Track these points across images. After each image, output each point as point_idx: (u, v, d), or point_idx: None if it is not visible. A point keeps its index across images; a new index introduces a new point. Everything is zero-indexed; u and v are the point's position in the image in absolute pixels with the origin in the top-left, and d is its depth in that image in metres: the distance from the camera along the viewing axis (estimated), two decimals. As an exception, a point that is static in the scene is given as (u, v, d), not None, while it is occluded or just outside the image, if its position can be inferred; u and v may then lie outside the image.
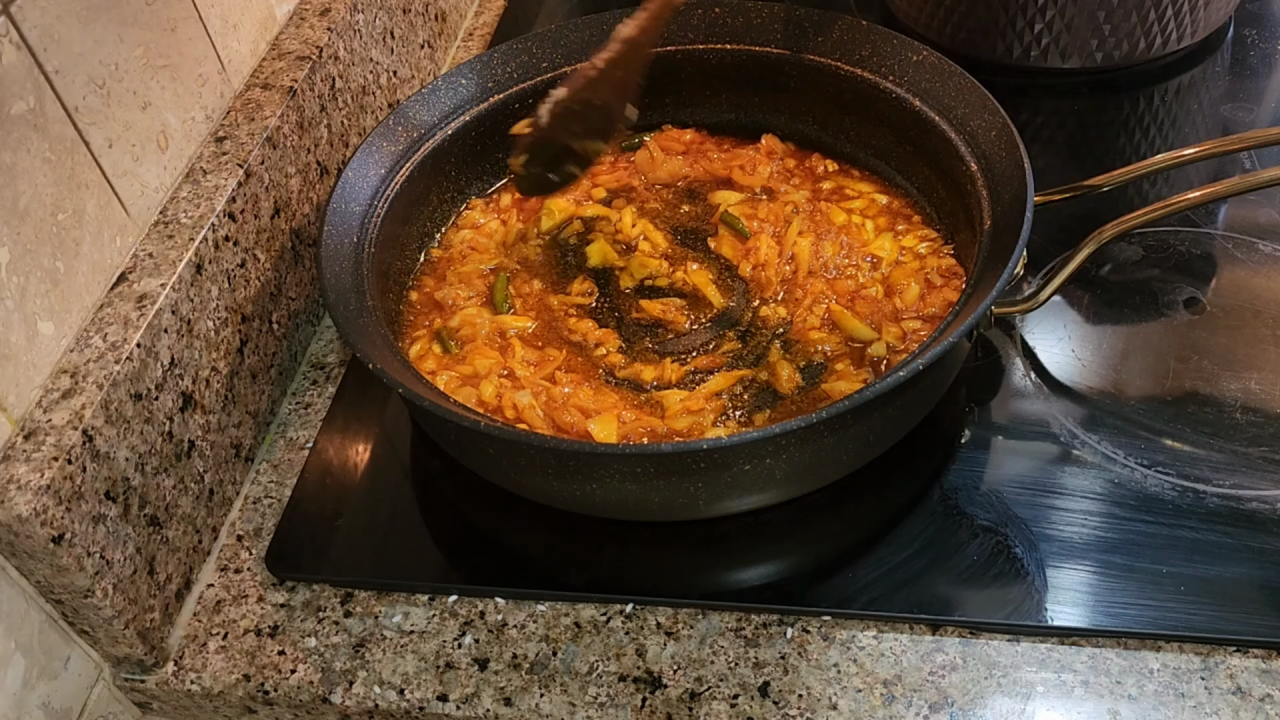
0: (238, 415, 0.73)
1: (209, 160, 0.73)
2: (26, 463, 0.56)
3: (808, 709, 0.59)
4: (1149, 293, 0.78)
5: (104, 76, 0.64)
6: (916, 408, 0.67)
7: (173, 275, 0.66)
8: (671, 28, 0.86)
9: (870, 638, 0.62)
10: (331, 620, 0.66)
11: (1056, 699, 0.59)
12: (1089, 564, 0.63)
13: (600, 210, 0.83)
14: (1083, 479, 0.67)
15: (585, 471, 0.62)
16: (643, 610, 0.65)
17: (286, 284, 0.79)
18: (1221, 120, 0.93)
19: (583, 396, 0.69)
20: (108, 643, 0.63)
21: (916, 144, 0.79)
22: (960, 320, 0.62)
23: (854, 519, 0.67)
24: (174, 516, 0.66)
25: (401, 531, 0.70)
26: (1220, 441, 0.68)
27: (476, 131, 0.84)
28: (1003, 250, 0.65)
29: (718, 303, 0.76)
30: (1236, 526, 0.64)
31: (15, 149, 0.57)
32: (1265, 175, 0.67)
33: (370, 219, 0.75)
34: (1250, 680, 0.58)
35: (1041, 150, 0.91)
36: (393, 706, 0.62)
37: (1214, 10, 0.95)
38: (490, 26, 1.14)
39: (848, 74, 0.81)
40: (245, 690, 0.64)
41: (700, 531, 0.67)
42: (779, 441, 0.59)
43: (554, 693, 0.61)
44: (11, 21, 0.57)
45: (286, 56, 0.82)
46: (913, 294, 0.73)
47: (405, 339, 0.76)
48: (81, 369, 0.61)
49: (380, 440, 0.75)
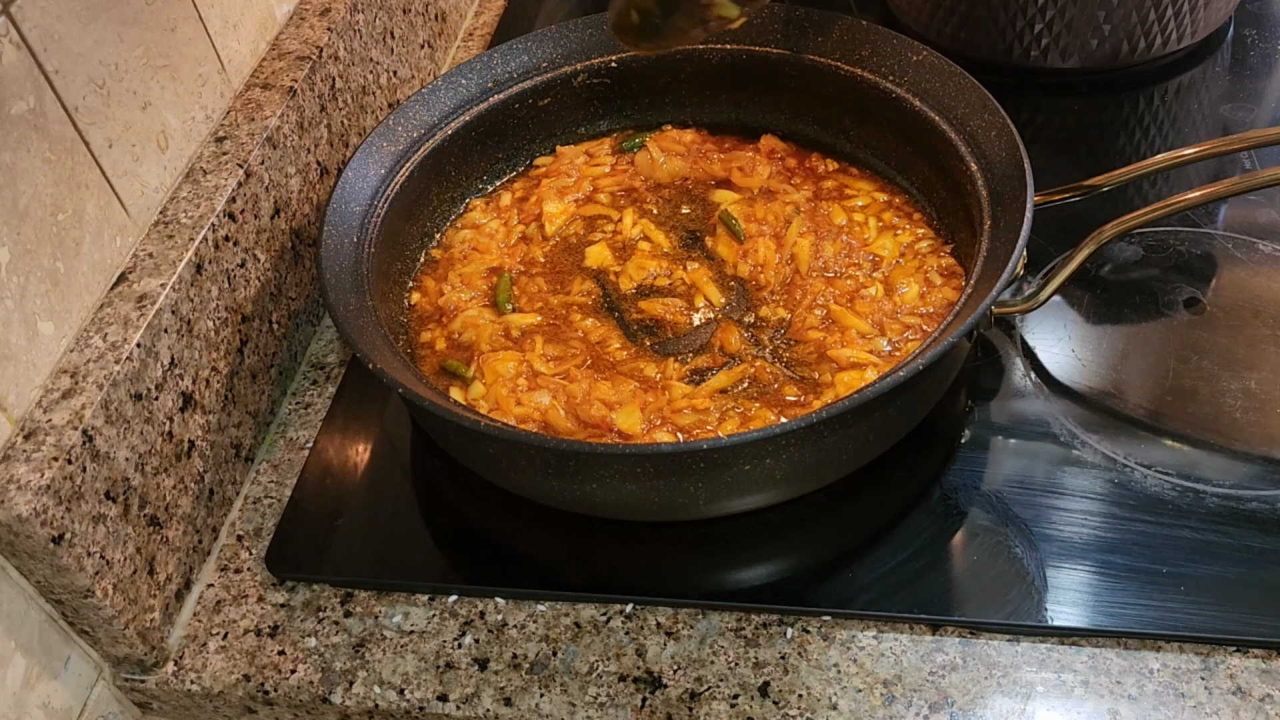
0: (238, 415, 0.73)
1: (209, 160, 0.73)
2: (26, 463, 0.56)
3: (808, 709, 0.59)
4: (1149, 293, 0.78)
5: (104, 76, 0.64)
6: (916, 408, 0.67)
7: (173, 275, 0.66)
8: (671, 28, 0.86)
9: (870, 638, 0.62)
10: (331, 620, 0.66)
11: (1056, 699, 0.59)
12: (1089, 564, 0.63)
13: (601, 210, 0.83)
14: (1083, 479, 0.67)
15: (585, 471, 0.62)
16: (643, 610, 0.65)
17: (286, 284, 0.79)
18: (1221, 120, 0.93)
19: (603, 390, 0.69)
20: (108, 643, 0.63)
21: (916, 144, 0.79)
22: (960, 320, 0.62)
23: (854, 519, 0.67)
24: (174, 516, 0.66)
25: (401, 531, 0.70)
26: (1220, 441, 0.68)
27: (476, 131, 0.84)
28: (1003, 250, 0.65)
29: (718, 302, 0.76)
30: (1236, 526, 0.64)
31: (15, 149, 0.57)
32: (1265, 175, 0.67)
33: (370, 219, 0.75)
34: (1250, 680, 0.58)
35: (1041, 150, 0.91)
36: (393, 706, 0.62)
37: (1214, 10, 0.95)
38: (490, 26, 1.14)
39: (848, 74, 0.81)
40: (245, 690, 0.64)
41: (700, 531, 0.67)
42: (779, 441, 0.59)
43: (554, 693, 0.61)
44: (11, 21, 0.57)
45: (286, 56, 0.82)
46: (912, 293, 0.73)
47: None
48: (81, 369, 0.61)
49: (380, 440, 0.75)
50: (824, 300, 0.74)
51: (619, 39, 0.67)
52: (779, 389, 0.70)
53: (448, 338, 0.75)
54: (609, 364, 0.72)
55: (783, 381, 0.70)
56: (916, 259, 0.76)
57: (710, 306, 0.76)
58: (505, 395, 0.69)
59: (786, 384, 0.70)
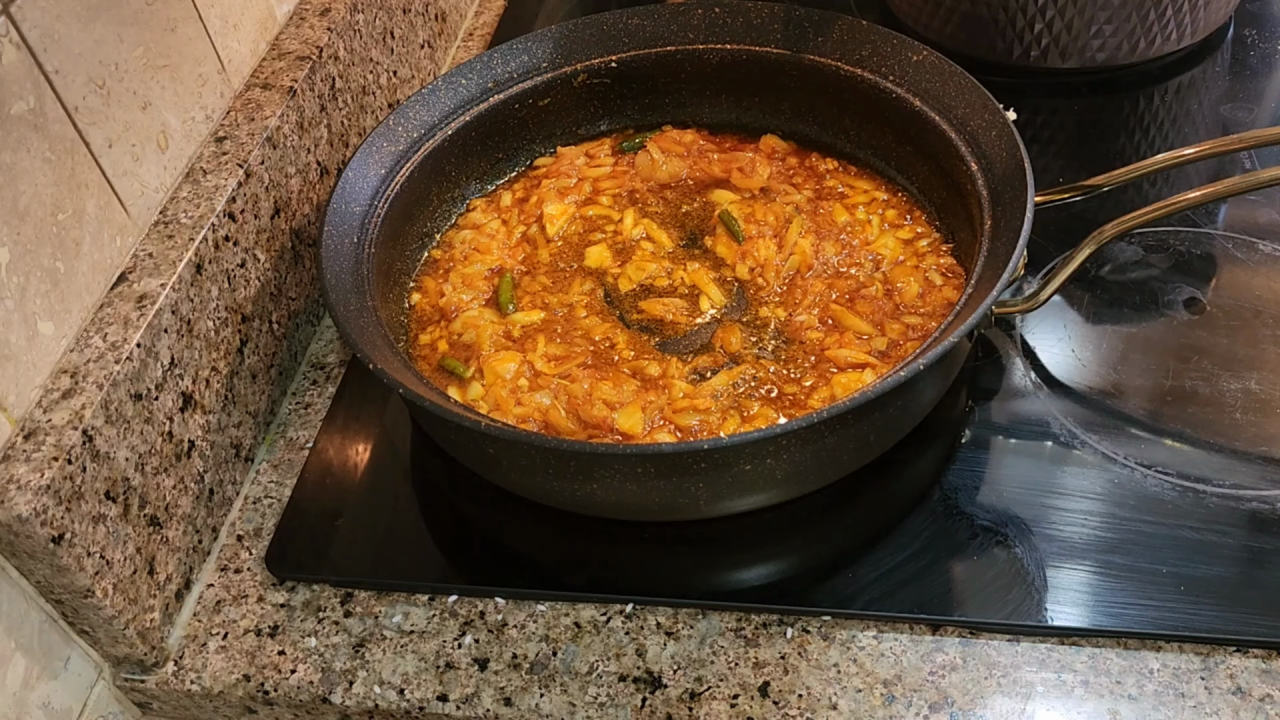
0: (238, 415, 0.73)
1: (209, 160, 0.73)
2: (26, 463, 0.56)
3: (808, 709, 0.59)
4: (1149, 293, 0.78)
5: (104, 76, 0.64)
6: (916, 408, 0.67)
7: (173, 275, 0.66)
8: (671, 28, 0.86)
9: (870, 638, 0.62)
10: (331, 620, 0.66)
11: (1056, 699, 0.59)
12: (1089, 564, 0.63)
13: (602, 211, 0.83)
14: (1083, 479, 0.67)
15: (586, 472, 0.62)
16: (643, 610, 0.65)
17: (286, 284, 0.79)
18: (1221, 120, 0.93)
19: (605, 390, 0.69)
20: (108, 643, 0.63)
21: (917, 144, 0.79)
22: (961, 320, 0.62)
23: (854, 519, 0.67)
24: (174, 516, 0.66)
25: (401, 531, 0.70)
26: (1220, 441, 0.68)
27: (477, 131, 0.84)
28: (1003, 250, 0.65)
29: (718, 302, 0.76)
30: (1236, 526, 0.64)
31: (15, 149, 0.57)
32: (1265, 175, 0.67)
33: (370, 219, 0.75)
34: (1250, 680, 0.58)
35: (1041, 150, 0.91)
36: (393, 706, 0.62)
37: (1214, 10, 0.95)
38: (490, 26, 1.14)
39: (848, 74, 0.81)
40: (245, 690, 0.64)
41: (700, 531, 0.67)
42: (780, 441, 0.59)
43: (554, 693, 0.61)
44: (11, 21, 0.57)
45: (286, 56, 0.82)
46: (912, 293, 0.73)
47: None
48: (81, 369, 0.61)
49: (380, 440, 0.75)
50: (824, 300, 0.74)
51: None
52: (780, 389, 0.70)
53: (449, 338, 0.75)
54: (611, 363, 0.72)
55: (783, 381, 0.70)
56: (916, 258, 0.76)
57: (711, 306, 0.76)
58: (505, 396, 0.69)
59: (787, 384, 0.70)
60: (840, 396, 0.67)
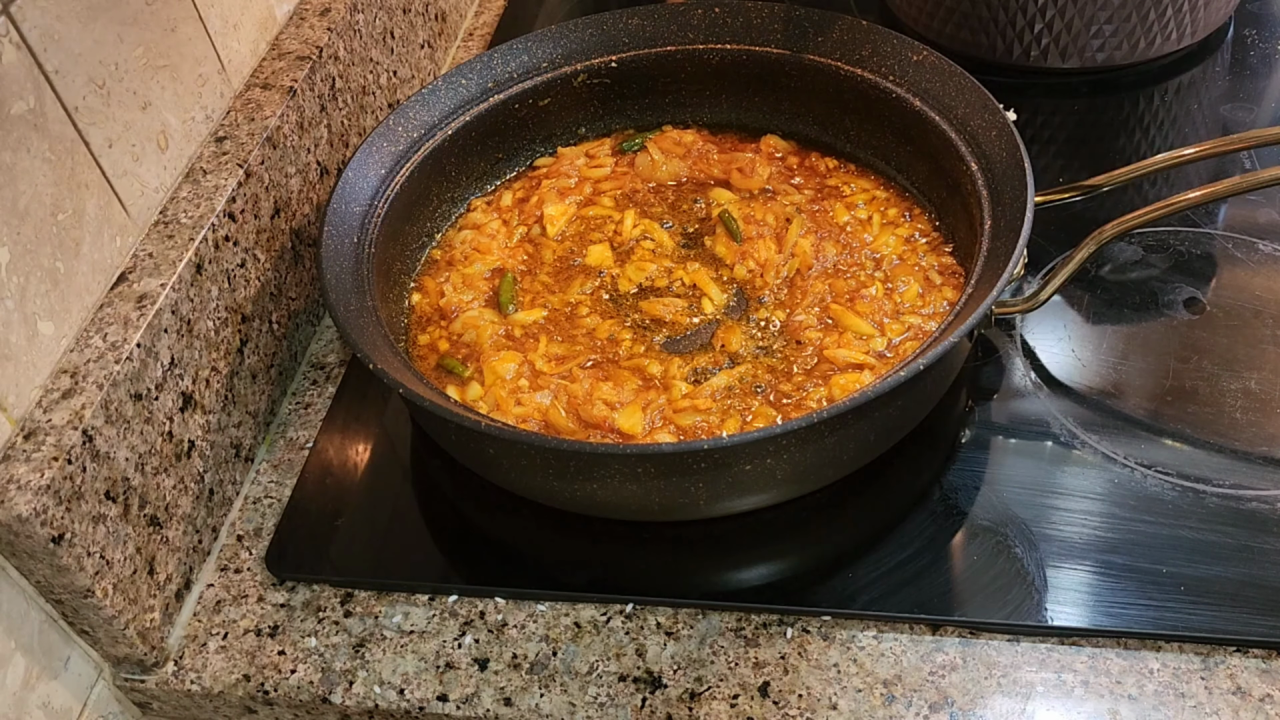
0: (238, 415, 0.73)
1: (209, 160, 0.73)
2: (26, 463, 0.56)
3: (808, 709, 0.59)
4: (1149, 293, 0.78)
5: (104, 76, 0.64)
6: (916, 408, 0.67)
7: (173, 275, 0.66)
8: (671, 27, 0.86)
9: (870, 638, 0.62)
10: (331, 620, 0.66)
11: (1056, 699, 0.59)
12: (1089, 564, 0.63)
13: (602, 210, 0.83)
14: (1083, 479, 0.67)
15: (585, 471, 0.62)
16: (643, 610, 0.65)
17: (286, 284, 0.79)
18: (1221, 120, 0.93)
19: (605, 390, 0.69)
20: (108, 643, 0.63)
21: (917, 144, 0.79)
22: (961, 320, 0.62)
23: (854, 519, 0.67)
24: (174, 516, 0.66)
25: (401, 531, 0.70)
26: (1220, 441, 0.68)
27: (477, 131, 0.84)
28: (1003, 250, 0.65)
29: (719, 302, 0.76)
30: (1236, 526, 0.64)
31: (15, 149, 0.57)
32: (1265, 175, 0.67)
33: (370, 219, 0.75)
34: (1250, 680, 0.58)
35: (1041, 150, 0.91)
36: (393, 706, 0.62)
37: (1214, 10, 0.95)
38: (490, 26, 1.14)
39: (848, 74, 0.81)
40: (245, 690, 0.64)
41: (700, 531, 0.67)
42: (780, 441, 0.59)
43: (554, 693, 0.61)
44: (11, 21, 0.57)
45: (286, 56, 0.82)
46: (912, 292, 0.73)
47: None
48: (81, 369, 0.61)
49: (380, 440, 0.75)
50: (824, 300, 0.74)
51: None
52: (780, 389, 0.70)
53: (450, 339, 0.75)
54: (613, 362, 0.72)
55: (783, 381, 0.70)
56: (916, 257, 0.76)
57: (712, 306, 0.76)
58: (504, 396, 0.69)
59: (787, 384, 0.70)
60: (839, 397, 0.67)
